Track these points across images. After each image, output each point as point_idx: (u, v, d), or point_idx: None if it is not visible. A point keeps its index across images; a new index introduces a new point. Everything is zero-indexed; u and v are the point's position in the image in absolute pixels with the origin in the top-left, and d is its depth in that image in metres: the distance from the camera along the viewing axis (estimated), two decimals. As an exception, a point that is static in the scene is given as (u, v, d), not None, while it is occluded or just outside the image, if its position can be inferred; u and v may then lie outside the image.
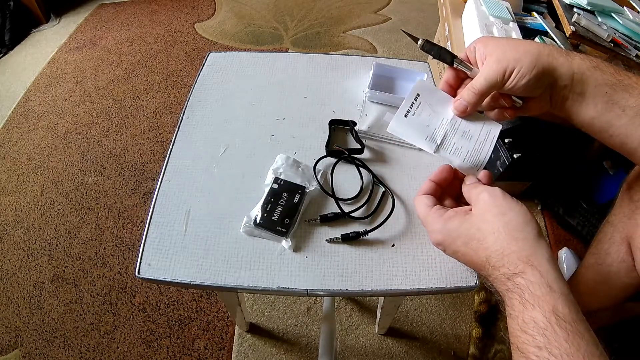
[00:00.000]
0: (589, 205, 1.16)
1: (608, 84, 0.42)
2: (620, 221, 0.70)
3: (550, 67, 0.42)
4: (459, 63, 0.46)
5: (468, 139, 0.46)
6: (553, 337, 0.31)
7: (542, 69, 0.41)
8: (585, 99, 0.43)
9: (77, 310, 1.03)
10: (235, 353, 0.96)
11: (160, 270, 0.47)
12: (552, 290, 0.33)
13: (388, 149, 0.60)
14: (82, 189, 1.29)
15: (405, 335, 1.00)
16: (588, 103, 0.43)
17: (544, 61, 0.41)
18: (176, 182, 0.55)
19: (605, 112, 0.42)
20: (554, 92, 0.44)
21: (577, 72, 0.42)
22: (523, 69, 0.41)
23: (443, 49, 0.47)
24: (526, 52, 0.41)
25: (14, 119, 1.52)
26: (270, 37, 1.91)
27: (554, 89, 0.43)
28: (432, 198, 0.43)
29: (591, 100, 0.42)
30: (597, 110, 0.42)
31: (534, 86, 0.42)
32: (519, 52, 0.41)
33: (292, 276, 0.47)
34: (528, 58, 0.41)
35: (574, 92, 0.43)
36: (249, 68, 0.71)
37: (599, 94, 0.42)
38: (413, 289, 0.47)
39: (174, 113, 1.53)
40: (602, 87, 0.42)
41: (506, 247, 0.36)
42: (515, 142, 1.10)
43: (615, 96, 0.42)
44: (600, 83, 0.42)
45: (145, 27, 1.96)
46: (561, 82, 0.42)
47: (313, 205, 0.53)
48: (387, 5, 2.14)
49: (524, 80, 0.41)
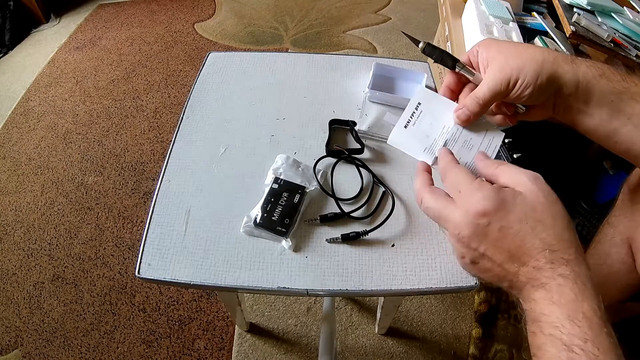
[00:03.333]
0: (589, 205, 1.16)
1: (614, 92, 0.41)
2: (621, 222, 0.70)
3: (555, 75, 0.40)
4: (461, 67, 0.45)
5: (469, 149, 0.45)
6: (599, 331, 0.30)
7: (547, 78, 0.40)
8: (590, 107, 0.42)
9: (77, 310, 1.03)
10: (235, 353, 0.96)
11: (160, 270, 0.47)
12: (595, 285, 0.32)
13: (388, 149, 0.60)
14: (82, 189, 1.29)
15: (405, 335, 1.00)
16: (593, 111, 0.42)
17: (549, 69, 0.40)
18: (176, 182, 0.55)
19: (611, 120, 0.41)
20: (558, 100, 0.43)
21: (582, 80, 0.40)
22: (527, 79, 0.40)
23: (445, 52, 0.45)
24: (530, 60, 0.40)
25: (14, 119, 1.52)
26: (270, 37, 1.91)
27: (558, 97, 0.42)
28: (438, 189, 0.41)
29: (596, 108, 0.41)
30: (603, 119, 0.41)
31: (538, 95, 0.41)
32: (523, 59, 0.40)
33: (292, 276, 0.47)
34: (532, 66, 0.40)
35: (578, 101, 0.42)
36: (249, 68, 0.71)
37: (605, 102, 0.41)
38: (413, 289, 0.47)
39: (174, 113, 1.53)
40: (608, 96, 0.41)
41: (561, 234, 0.33)
42: (515, 142, 1.10)
43: (621, 104, 0.41)
44: (606, 91, 0.41)
45: (145, 27, 1.96)
46: (566, 90, 0.41)
47: (313, 205, 0.53)
48: (387, 5, 2.14)
49: (528, 90, 0.40)
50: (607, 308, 0.32)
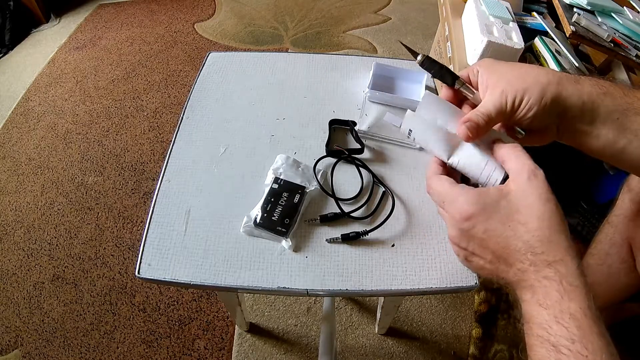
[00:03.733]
0: (589, 205, 1.16)
1: (619, 110, 0.40)
2: (621, 222, 0.70)
3: (559, 97, 0.39)
4: (461, 85, 0.43)
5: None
6: (588, 331, 0.30)
7: (551, 99, 0.39)
8: (596, 127, 0.40)
9: (77, 310, 1.03)
10: (235, 353, 0.96)
11: (160, 270, 0.47)
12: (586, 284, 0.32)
13: (388, 149, 0.60)
14: (82, 189, 1.29)
15: (405, 335, 1.00)
16: (599, 132, 0.41)
17: (553, 91, 0.39)
18: (176, 182, 0.55)
19: (617, 140, 0.40)
20: (562, 123, 0.42)
21: (587, 101, 0.39)
22: (532, 100, 0.39)
23: (444, 67, 0.43)
24: (534, 82, 0.39)
25: (14, 119, 1.52)
26: (270, 37, 1.91)
27: (562, 120, 0.41)
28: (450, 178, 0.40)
29: (602, 128, 0.40)
30: (609, 138, 0.40)
31: (542, 118, 0.40)
32: (527, 81, 0.39)
33: (292, 276, 0.47)
34: (537, 87, 0.39)
35: (583, 122, 0.40)
36: (249, 68, 0.71)
37: (610, 121, 0.40)
38: (413, 289, 0.47)
39: (174, 113, 1.53)
40: (613, 114, 0.40)
41: (549, 236, 0.33)
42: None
43: (626, 121, 0.40)
44: (611, 110, 0.40)
45: (145, 27, 1.96)
46: (570, 113, 0.40)
47: (313, 205, 0.53)
48: (387, 5, 2.14)
49: (532, 111, 0.39)
50: (607, 308, 0.32)
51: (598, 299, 0.80)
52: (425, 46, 1.84)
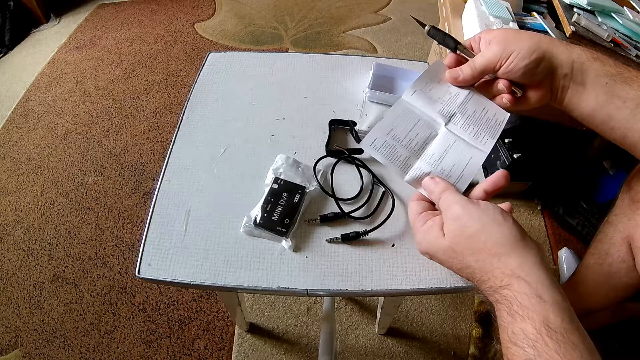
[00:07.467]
0: (589, 205, 1.16)
1: (608, 75, 0.42)
2: (621, 221, 0.70)
3: (550, 53, 0.42)
4: (462, 49, 0.48)
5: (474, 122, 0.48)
6: (544, 349, 0.30)
7: (542, 54, 0.42)
8: (586, 89, 0.43)
9: (77, 310, 1.03)
10: (235, 353, 0.96)
11: (160, 270, 0.47)
12: (543, 301, 0.32)
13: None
14: (82, 189, 1.29)
15: (405, 335, 1.00)
16: (589, 93, 0.43)
17: (544, 47, 0.42)
18: (176, 182, 0.55)
19: (606, 104, 0.42)
20: (554, 81, 0.44)
21: (577, 61, 0.42)
22: (523, 52, 0.42)
23: (447, 35, 0.48)
24: (527, 38, 0.43)
25: (14, 119, 1.52)
26: (270, 37, 1.91)
27: (553, 77, 0.44)
28: (424, 204, 0.44)
29: (591, 90, 0.43)
30: (598, 102, 0.43)
31: (533, 70, 0.43)
32: (520, 38, 0.43)
33: (292, 276, 0.47)
34: (528, 42, 0.42)
35: (574, 82, 0.43)
36: (249, 68, 0.71)
37: (599, 85, 0.42)
38: (413, 289, 0.47)
39: (174, 113, 1.53)
40: (602, 78, 0.42)
41: (488, 265, 0.35)
42: (515, 142, 1.10)
43: (615, 87, 0.42)
44: (600, 74, 0.42)
45: (145, 27, 1.96)
46: (561, 70, 0.43)
47: (313, 205, 0.53)
48: (387, 5, 2.14)
49: (523, 62, 0.42)
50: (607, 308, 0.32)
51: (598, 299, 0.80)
52: (425, 46, 1.84)
